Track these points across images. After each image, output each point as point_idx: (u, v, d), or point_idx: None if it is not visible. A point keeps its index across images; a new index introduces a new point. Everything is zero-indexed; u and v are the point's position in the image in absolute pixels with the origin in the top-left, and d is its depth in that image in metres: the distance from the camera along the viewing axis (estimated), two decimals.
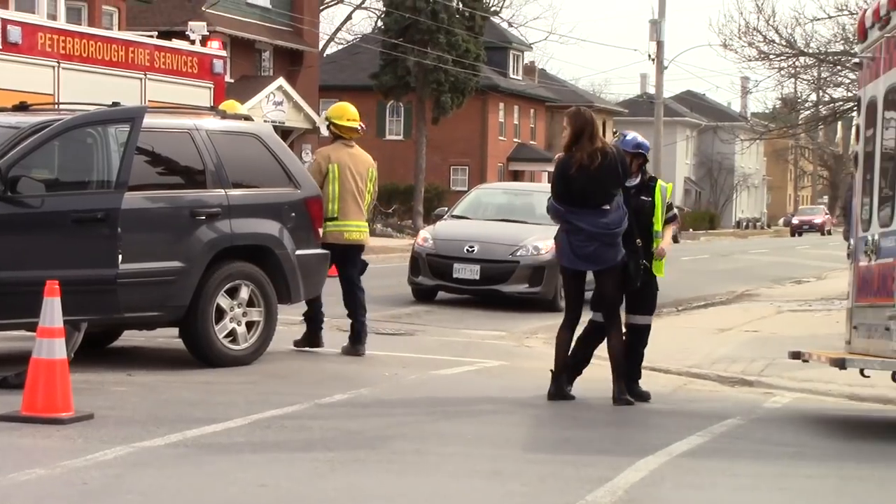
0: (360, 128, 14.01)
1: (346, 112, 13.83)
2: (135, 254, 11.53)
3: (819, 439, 9.91)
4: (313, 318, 13.85)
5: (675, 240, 11.77)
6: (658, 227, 11.51)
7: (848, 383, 12.34)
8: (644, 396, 11.44)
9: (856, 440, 10.09)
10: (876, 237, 10.35)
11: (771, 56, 27.92)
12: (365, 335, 13.87)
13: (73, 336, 10.69)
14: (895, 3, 10.20)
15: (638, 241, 11.20)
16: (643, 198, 11.49)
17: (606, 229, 11.03)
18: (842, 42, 26.72)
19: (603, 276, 11.19)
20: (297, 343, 13.88)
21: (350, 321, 13.93)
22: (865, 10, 11.48)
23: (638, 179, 11.56)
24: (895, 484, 8.43)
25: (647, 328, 11.63)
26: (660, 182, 11.68)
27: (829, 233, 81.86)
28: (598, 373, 13.84)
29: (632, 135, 11.79)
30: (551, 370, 11.32)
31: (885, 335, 10.02)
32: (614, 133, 11.89)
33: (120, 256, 11.42)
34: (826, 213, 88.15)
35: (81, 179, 11.75)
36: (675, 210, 11.83)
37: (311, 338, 13.91)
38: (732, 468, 8.76)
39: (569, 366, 11.39)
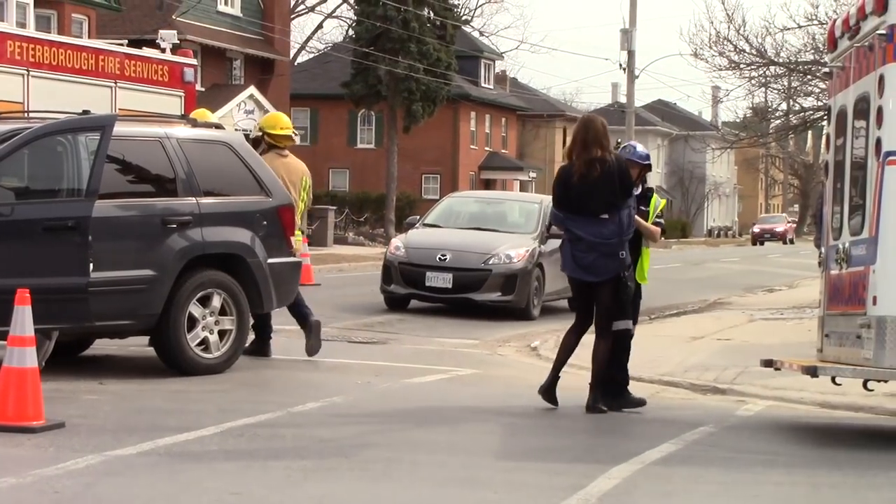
0: (293, 135, 14.10)
1: (279, 121, 13.92)
2: (106, 262, 11.50)
3: (791, 447, 9.95)
4: (262, 328, 13.79)
5: (646, 243, 11.79)
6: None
7: (820, 391, 12.38)
8: (638, 402, 11.44)
9: (828, 448, 10.12)
10: (847, 245, 10.40)
11: (741, 65, 28.05)
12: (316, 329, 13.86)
13: (44, 344, 10.63)
14: (864, 13, 10.25)
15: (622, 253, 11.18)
16: (641, 208, 11.56)
17: (604, 239, 11.03)
18: (812, 52, 26.87)
19: (600, 285, 11.16)
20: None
21: (299, 322, 13.91)
22: (835, 20, 11.54)
23: (639, 189, 11.64)
24: (867, 491, 8.45)
25: (627, 333, 11.59)
26: (655, 195, 11.79)
27: (791, 241, 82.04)
28: (571, 381, 13.86)
29: (640, 146, 11.90)
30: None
31: (857, 343, 10.06)
32: (618, 143, 11.90)
33: (91, 265, 11.40)
34: (788, 222, 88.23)
35: (52, 188, 11.73)
36: (662, 220, 11.91)
37: (260, 346, 13.83)
38: (705, 476, 8.78)
39: (603, 382, 11.35)
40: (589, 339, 11.40)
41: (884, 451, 10.06)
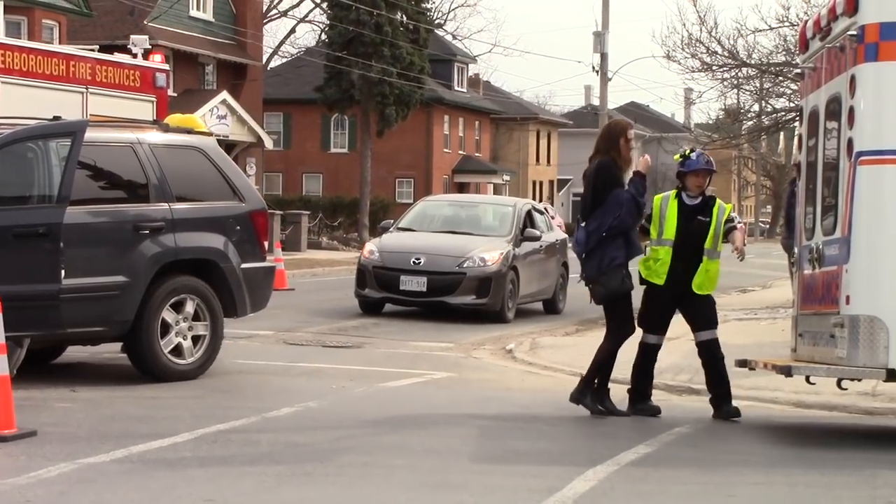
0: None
1: (192, 124, 13.82)
2: (78, 269, 11.45)
3: (766, 447, 9.97)
4: None
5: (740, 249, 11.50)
6: (709, 245, 11.33)
7: (794, 390, 12.42)
8: (733, 413, 11.27)
9: (802, 447, 10.14)
10: (820, 245, 10.43)
11: (714, 67, 28.11)
12: None
13: (15, 352, 10.60)
14: (835, 14, 10.29)
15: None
16: (699, 217, 11.32)
17: (575, 247, 11.17)
18: (783, 53, 26.96)
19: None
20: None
21: None
22: (806, 22, 11.58)
23: (699, 199, 11.40)
24: (842, 489, 8.47)
25: (714, 342, 11.44)
26: (718, 202, 11.48)
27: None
28: (545, 383, 13.86)
29: (696, 153, 11.55)
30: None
31: (830, 342, 10.09)
32: (685, 152, 11.42)
33: (63, 271, 11.35)
34: (740, 223, 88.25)
35: (23, 194, 11.68)
36: (736, 221, 11.63)
37: None
38: (681, 476, 8.79)
39: (636, 390, 11.41)
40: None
41: (858, 450, 10.09)
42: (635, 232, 11.16)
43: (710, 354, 11.40)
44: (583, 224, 11.08)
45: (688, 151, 11.51)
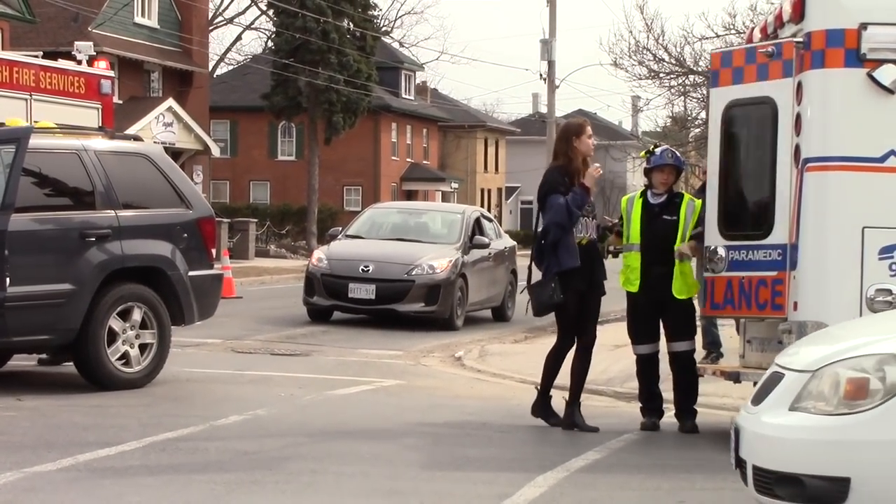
0: None
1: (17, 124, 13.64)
2: (23, 276, 11.34)
3: (714, 453, 9.99)
4: None
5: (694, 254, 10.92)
6: (679, 245, 10.87)
7: (742, 396, 12.43)
8: (693, 429, 11.02)
9: None
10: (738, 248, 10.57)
11: (661, 75, 28.28)
12: None
13: None
14: (781, 21, 10.38)
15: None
16: (665, 217, 10.93)
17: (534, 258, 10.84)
18: None
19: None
20: (41, 361, 13.52)
21: None
22: (753, 29, 11.67)
23: (664, 197, 11.01)
24: None
25: (686, 354, 11.08)
26: (687, 198, 11.05)
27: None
28: (494, 390, 13.87)
29: (660, 148, 11.23)
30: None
31: (779, 348, 10.15)
32: (648, 151, 11.05)
33: (7, 279, 11.23)
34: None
35: None
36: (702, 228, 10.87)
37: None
38: (630, 482, 8.81)
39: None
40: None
41: None
42: (568, 240, 10.53)
43: (681, 367, 11.05)
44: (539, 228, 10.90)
45: (653, 147, 11.21)
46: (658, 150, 11.19)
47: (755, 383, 10.66)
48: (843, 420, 5.91)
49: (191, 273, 12.60)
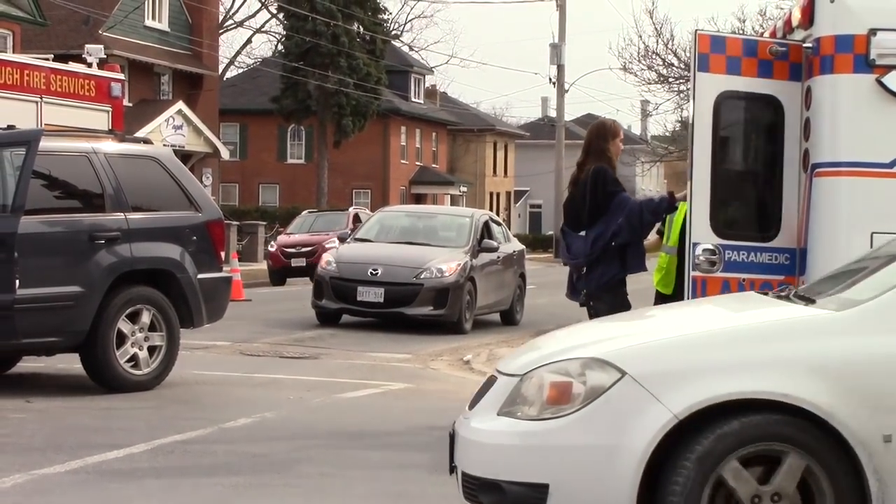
0: None
1: None
2: (32, 279, 11.37)
3: None
4: None
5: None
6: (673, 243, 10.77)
7: None
8: None
9: None
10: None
11: (670, 79, 28.33)
12: None
13: None
14: (791, 27, 10.38)
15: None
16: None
17: (570, 258, 10.29)
18: None
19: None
20: None
21: None
22: (762, 34, 11.68)
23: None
24: None
25: None
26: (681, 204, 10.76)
27: None
28: None
29: None
30: None
31: None
32: None
33: (17, 281, 11.26)
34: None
35: None
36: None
37: None
38: None
39: None
40: None
41: None
42: (638, 245, 10.20)
43: None
44: (581, 233, 10.19)
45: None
46: None
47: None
48: (545, 425, 5.76)
49: (200, 276, 12.63)
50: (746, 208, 10.43)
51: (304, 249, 32.50)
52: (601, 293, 10.15)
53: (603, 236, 10.06)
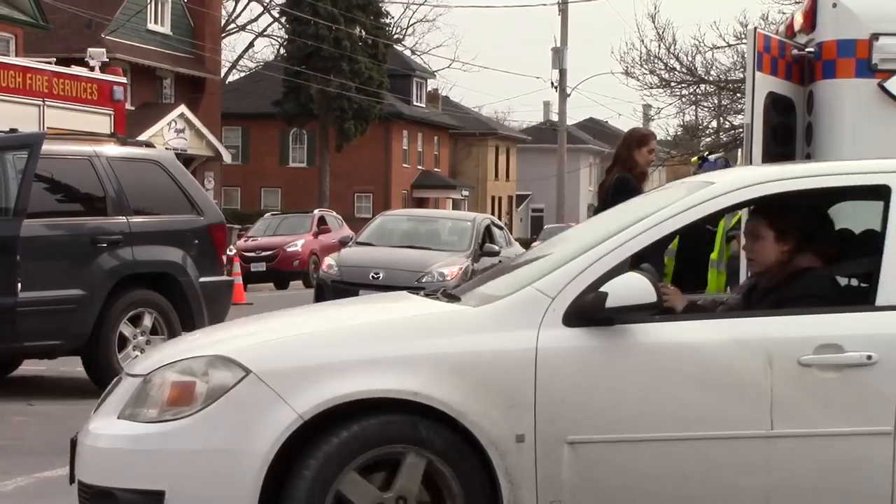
0: None
1: None
2: (34, 282, 11.40)
3: None
4: None
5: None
6: (715, 255, 10.53)
7: None
8: None
9: None
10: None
11: (672, 83, 28.35)
12: None
13: None
14: (793, 31, 10.39)
15: None
16: (707, 226, 10.34)
17: None
18: (741, 70, 27.21)
19: None
20: None
21: None
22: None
23: None
24: None
25: None
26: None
27: None
28: None
29: (716, 155, 10.85)
30: None
31: None
32: (699, 158, 10.57)
33: (19, 285, 11.30)
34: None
35: None
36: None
37: None
38: None
39: None
40: None
41: None
42: (656, 256, 9.80)
43: None
44: None
45: (707, 154, 10.82)
46: (712, 157, 10.90)
47: None
48: (163, 427, 5.31)
49: (201, 279, 12.66)
50: None
51: (263, 253, 32.15)
52: None
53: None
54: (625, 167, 10.36)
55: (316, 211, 36.70)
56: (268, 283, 30.72)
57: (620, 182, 10.25)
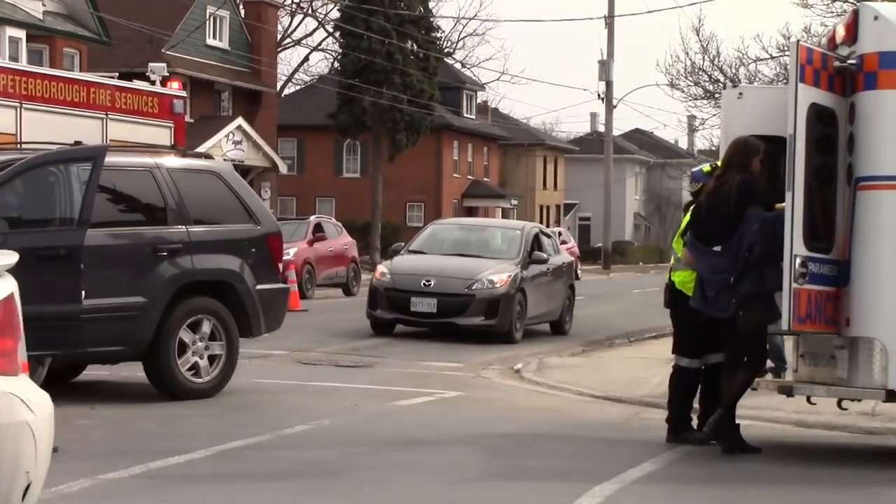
0: None
1: None
2: (98, 289, 11.65)
3: (769, 465, 10.11)
4: None
5: None
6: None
7: (796, 410, 12.58)
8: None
9: (805, 465, 10.30)
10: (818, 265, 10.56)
11: (716, 95, 28.36)
12: None
13: (37, 371, 10.81)
14: (835, 44, 10.53)
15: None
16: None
17: (714, 274, 10.29)
18: (784, 81, 27.23)
19: (721, 323, 10.43)
20: None
21: None
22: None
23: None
24: None
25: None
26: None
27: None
28: (552, 402, 14.07)
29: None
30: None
31: (831, 363, 10.30)
32: (715, 165, 10.65)
33: (83, 292, 11.56)
34: None
35: (44, 217, 11.90)
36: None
37: None
38: (685, 493, 8.95)
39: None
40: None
41: (859, 469, 10.26)
42: (775, 259, 10.01)
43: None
44: (716, 248, 10.30)
45: (720, 163, 10.79)
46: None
47: (808, 398, 10.83)
48: None
49: (258, 287, 12.86)
50: (822, 219, 10.18)
51: None
52: (751, 302, 10.20)
53: (741, 249, 10.15)
54: (740, 172, 10.40)
55: (312, 217, 35.27)
56: None
57: (746, 182, 10.29)
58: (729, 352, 10.54)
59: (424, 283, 20.36)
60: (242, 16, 49.11)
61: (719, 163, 10.84)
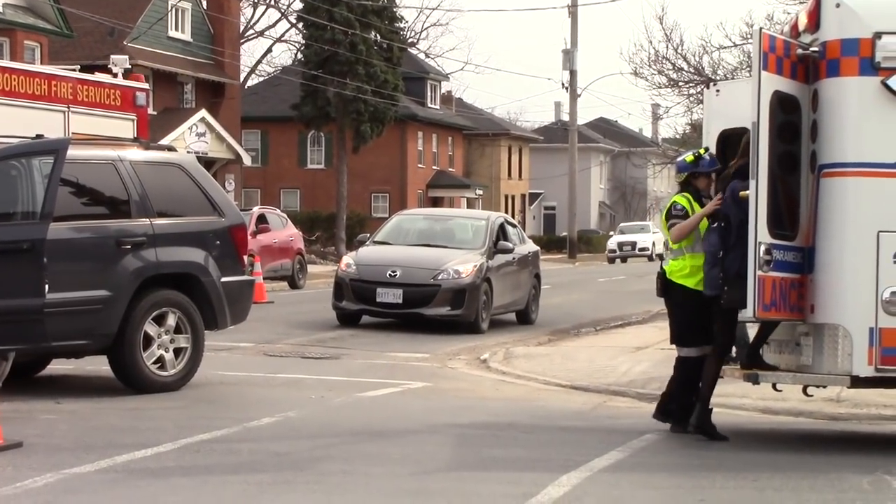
0: None
1: None
2: (61, 283, 11.60)
3: (735, 452, 10.18)
4: None
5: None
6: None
7: (761, 397, 12.66)
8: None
9: (770, 452, 10.35)
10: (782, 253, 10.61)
11: (680, 83, 28.39)
12: None
13: (0, 365, 10.73)
14: (797, 31, 10.58)
15: None
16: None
17: (707, 247, 10.69)
18: (747, 69, 27.29)
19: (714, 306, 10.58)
20: None
21: None
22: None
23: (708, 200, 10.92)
24: (809, 493, 8.70)
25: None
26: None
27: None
28: (519, 392, 14.09)
29: (709, 152, 11.09)
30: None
31: (796, 350, 10.36)
32: (697, 153, 10.79)
33: (47, 286, 11.50)
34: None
35: (6, 211, 11.80)
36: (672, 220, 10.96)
37: None
38: (652, 481, 9.00)
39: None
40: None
41: (824, 455, 10.32)
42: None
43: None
44: (714, 223, 10.62)
45: (702, 151, 10.97)
46: (707, 155, 10.98)
47: (773, 385, 10.89)
48: None
49: (223, 279, 12.84)
50: (786, 206, 10.24)
51: None
52: (735, 280, 10.24)
53: (718, 220, 10.52)
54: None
55: (255, 208, 34.60)
56: None
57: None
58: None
59: (390, 274, 20.35)
60: (205, 7, 48.86)
61: (701, 150, 10.93)
